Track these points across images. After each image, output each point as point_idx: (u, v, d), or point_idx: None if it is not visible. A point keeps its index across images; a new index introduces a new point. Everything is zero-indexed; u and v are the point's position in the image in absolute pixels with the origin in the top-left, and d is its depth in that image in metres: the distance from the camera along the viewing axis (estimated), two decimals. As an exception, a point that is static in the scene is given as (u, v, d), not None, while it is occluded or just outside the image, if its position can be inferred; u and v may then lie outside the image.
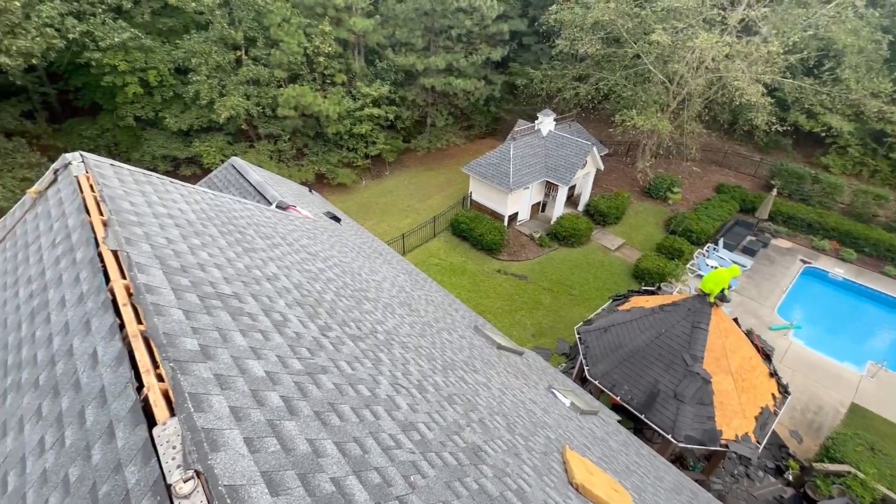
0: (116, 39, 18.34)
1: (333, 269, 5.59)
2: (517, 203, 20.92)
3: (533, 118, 27.87)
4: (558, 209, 21.41)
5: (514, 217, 21.37)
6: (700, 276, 18.33)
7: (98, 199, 3.08)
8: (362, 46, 24.90)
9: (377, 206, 24.08)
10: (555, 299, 18.13)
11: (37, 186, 3.56)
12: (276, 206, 8.31)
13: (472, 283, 18.72)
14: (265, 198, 8.86)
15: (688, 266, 19.30)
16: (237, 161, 10.32)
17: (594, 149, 20.65)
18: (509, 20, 26.44)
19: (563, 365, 14.35)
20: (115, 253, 2.54)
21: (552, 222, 21.51)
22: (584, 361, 10.62)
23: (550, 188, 22.33)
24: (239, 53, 21.58)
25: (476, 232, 19.88)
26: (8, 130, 20.59)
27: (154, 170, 23.72)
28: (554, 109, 24.32)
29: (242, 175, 9.83)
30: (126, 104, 21.38)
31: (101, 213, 2.93)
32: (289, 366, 2.51)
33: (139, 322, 2.06)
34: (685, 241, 20.14)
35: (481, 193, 21.66)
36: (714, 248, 20.47)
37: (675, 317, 9.98)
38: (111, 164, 3.86)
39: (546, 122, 21.42)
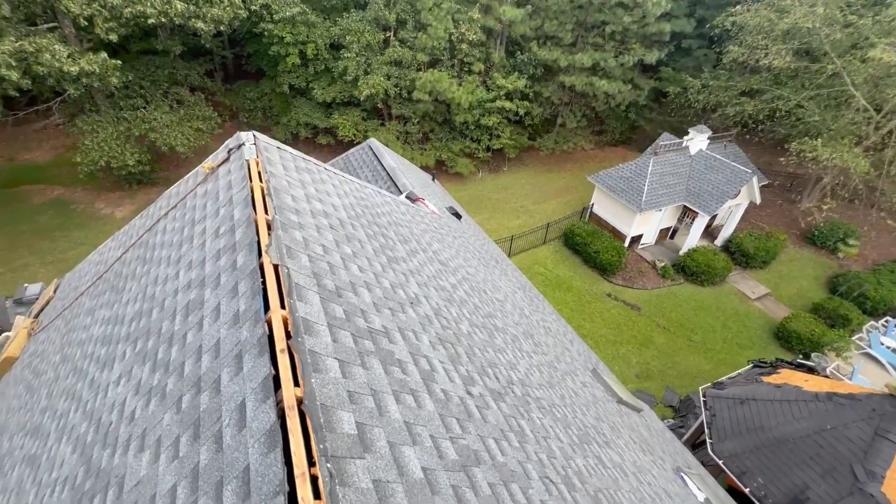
0: (287, 13, 20.01)
1: (463, 285, 5.08)
2: (644, 224, 18.80)
3: (678, 132, 24.88)
4: (692, 240, 18.79)
5: (636, 239, 19.29)
6: (869, 356, 14.71)
7: (264, 192, 2.84)
8: (505, 36, 24.18)
9: (490, 201, 23.55)
10: (670, 340, 16.00)
11: (210, 162, 3.51)
12: (406, 197, 8.12)
13: (577, 302, 17.34)
14: (396, 185, 8.74)
15: (853, 339, 15.64)
16: (374, 143, 10.42)
17: (754, 178, 17.57)
18: (673, 19, 23.56)
19: (670, 421, 12.53)
20: (275, 268, 2.21)
21: (681, 252, 18.98)
22: (707, 432, 8.97)
23: (686, 214, 19.68)
24: (388, 34, 22.31)
25: (591, 248, 18.32)
26: (192, 86, 23.94)
27: (296, 135, 25.97)
28: (709, 126, 21.25)
29: (378, 157, 9.88)
30: (284, 73, 23.47)
31: (266, 212, 2.67)
32: (444, 454, 1.98)
33: (296, 382, 1.65)
34: (855, 308, 16.34)
35: (605, 207, 19.88)
36: (894, 325, 16.31)
37: (850, 414, 7.85)
38: (278, 148, 3.71)
39: (697, 140, 18.76)
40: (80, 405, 2.89)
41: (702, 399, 9.70)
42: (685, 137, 18.98)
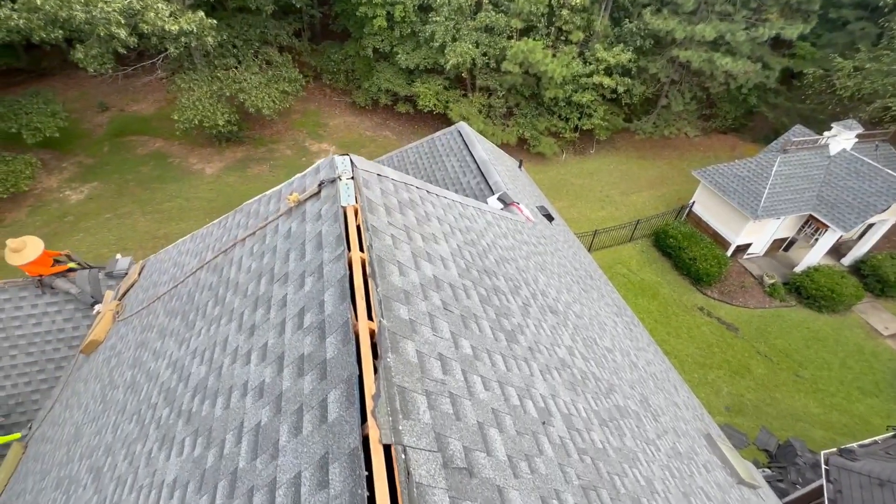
0: (378, -29, 18.97)
1: (577, 343, 4.11)
2: (756, 233, 16.23)
3: (809, 122, 21.08)
4: (814, 256, 15.98)
5: (742, 248, 16.79)
6: None
7: (366, 269, 2.03)
8: (611, 1, 21.38)
9: (572, 187, 21.72)
10: (771, 372, 13.92)
11: (296, 194, 2.77)
12: (499, 199, 7.13)
13: (661, 312, 15.58)
14: (487, 182, 7.75)
15: None
16: (464, 127, 9.39)
17: (916, 193, 14.29)
18: (827, -17, 19.35)
19: (766, 470, 10.89)
20: (387, 447, 1.41)
21: (797, 269, 16.28)
22: (829, 511, 7.45)
23: (810, 225, 16.72)
24: (481, -4, 20.56)
25: (687, 253, 16.21)
26: (281, 45, 24.02)
27: (376, 101, 25.46)
28: (855, 119, 17.57)
29: (468, 146, 8.88)
30: (370, 35, 22.72)
31: (370, 315, 1.85)
32: None
33: None
34: None
35: (708, 208, 17.42)
36: None
37: None
38: (378, 176, 2.89)
39: (841, 137, 15.53)
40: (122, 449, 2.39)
41: (823, 467, 8.08)
42: (826, 134, 15.79)
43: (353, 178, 2.55)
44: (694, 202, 18.03)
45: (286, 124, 25.01)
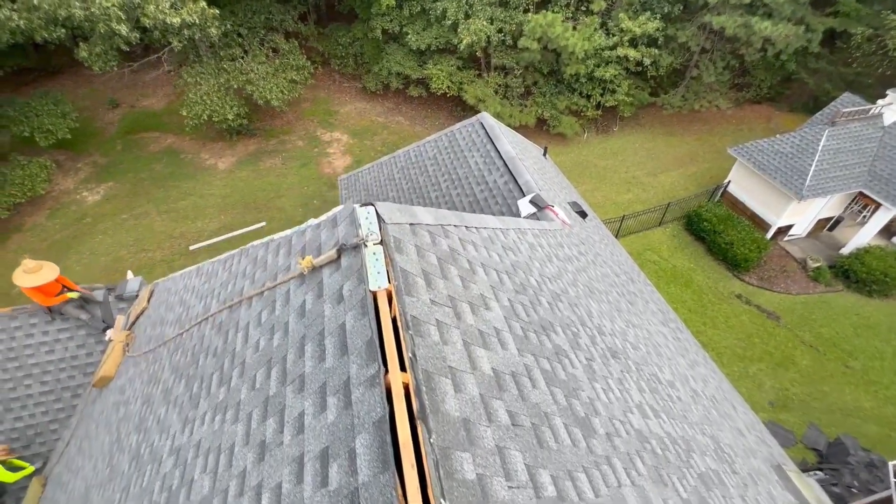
0: (385, -54, 17.85)
1: (634, 378, 3.51)
2: (799, 213, 15.11)
3: (855, 88, 19.45)
4: (864, 236, 14.82)
5: (783, 230, 15.70)
6: None
7: (410, 387, 1.45)
8: (635, -37, 19.77)
9: (595, 168, 20.66)
10: (817, 363, 13.09)
11: (310, 257, 2.19)
12: (532, 202, 6.46)
13: (696, 301, 14.77)
14: (516, 180, 7.06)
15: None
16: (486, 119, 8.62)
17: (984, 164, 12.95)
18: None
19: (818, 474, 10.23)
20: None
21: (845, 251, 15.17)
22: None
23: (859, 202, 15.50)
24: (494, -33, 19.24)
25: (723, 238, 15.23)
26: (287, 31, 23.17)
27: (387, 85, 24.53)
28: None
29: (491, 139, 8.14)
30: (378, 15, 21.67)
31: (417, 437, 1.29)
32: None
33: None
34: None
35: (745, 188, 16.28)
36: None
37: None
38: (411, 225, 2.28)
39: (897, 106, 14.15)
40: None
41: (892, 479, 7.40)
42: (879, 102, 14.40)
43: (381, 241, 1.95)
44: (729, 182, 16.88)
45: (296, 114, 24.37)
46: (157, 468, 2.69)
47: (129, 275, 7.14)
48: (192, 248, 17.29)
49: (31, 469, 6.17)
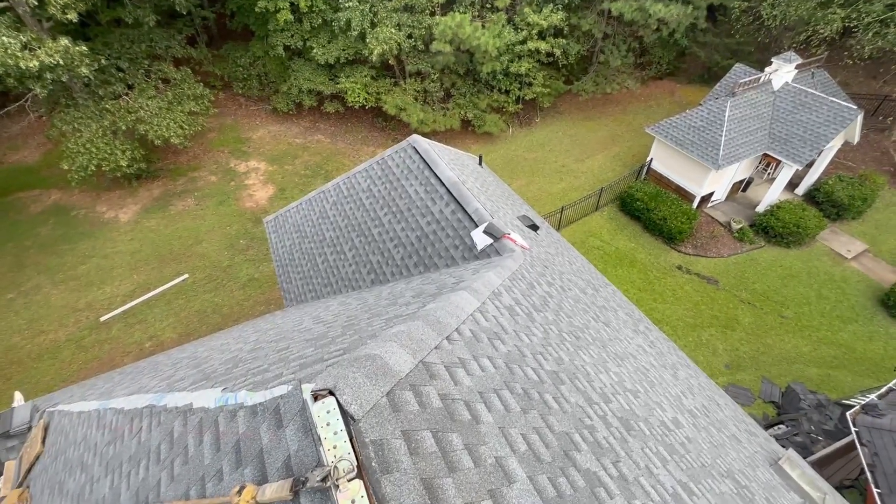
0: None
1: (638, 421, 3.14)
2: (717, 181, 16.14)
3: (739, 56, 21.26)
4: (773, 193, 16.16)
5: (706, 198, 16.72)
6: None
7: None
8: (530, -43, 20.04)
9: (525, 162, 20.84)
10: (757, 318, 14.05)
11: (252, 487, 1.47)
12: (486, 233, 5.99)
13: (643, 279, 15.30)
14: (464, 208, 6.54)
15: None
16: (418, 141, 8.01)
17: (859, 117, 14.51)
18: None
19: (782, 427, 10.90)
20: None
21: (760, 209, 16.47)
22: (871, 478, 7.27)
23: (762, 162, 16.89)
24: (392, -29, 18.57)
25: (656, 214, 15.91)
26: (176, 57, 20.92)
27: (299, 104, 23.08)
28: (782, 48, 17.65)
29: (428, 165, 7.55)
30: (277, 32, 20.21)
31: None
32: None
33: None
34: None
35: (667, 164, 17.13)
36: None
37: None
38: (388, 397, 1.64)
39: (783, 71, 15.48)
40: None
41: (853, 429, 7.91)
42: (767, 69, 15.68)
43: (356, 470, 1.29)
44: (652, 159, 17.69)
45: (203, 146, 22.18)
46: None
47: (17, 398, 5.74)
48: (102, 318, 15.08)
49: None
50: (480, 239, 5.99)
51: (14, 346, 14.51)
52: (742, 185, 17.36)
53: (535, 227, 8.08)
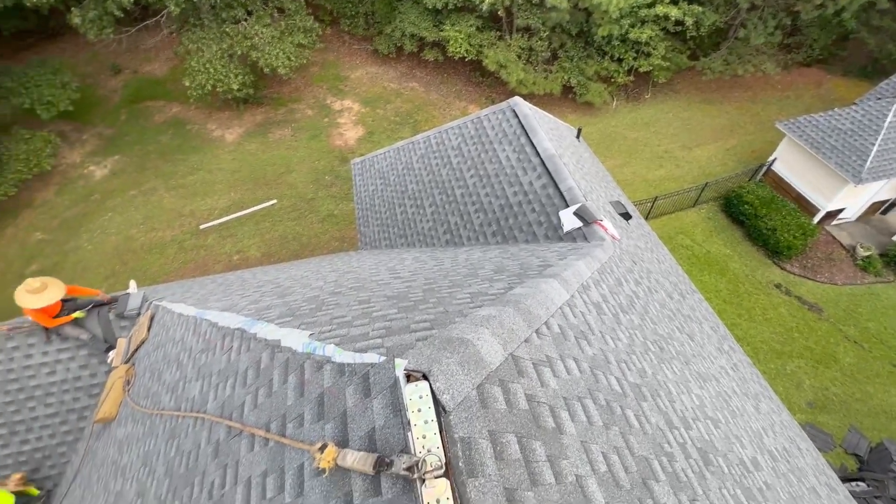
0: None
1: (727, 483, 2.84)
2: (852, 196, 13.83)
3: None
4: (923, 223, 13.54)
5: (832, 214, 14.47)
6: None
7: None
8: None
9: (625, 141, 19.24)
10: (861, 361, 12.31)
11: (333, 446, 1.47)
12: (577, 214, 5.62)
13: (731, 291, 13.89)
14: (556, 184, 6.15)
15: None
16: (520, 106, 7.54)
17: None
18: None
19: (860, 485, 9.71)
20: None
21: (899, 239, 13.99)
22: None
23: (921, 183, 14.11)
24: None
25: (765, 223, 14.11)
26: (292, -12, 21.40)
27: (400, 48, 22.87)
28: None
29: (525, 131, 7.13)
30: (390, -31, 19.82)
31: None
32: None
33: None
34: None
35: (792, 168, 14.91)
36: None
37: None
38: (478, 391, 1.54)
39: (982, 75, 12.43)
40: None
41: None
42: (960, 70, 12.68)
43: (444, 467, 1.22)
44: (775, 159, 15.48)
45: (305, 79, 23.02)
46: None
47: (132, 286, 6.58)
48: (202, 226, 16.79)
49: (35, 492, 5.94)
50: (569, 220, 5.63)
51: (131, 237, 16.70)
52: (883, 207, 14.74)
53: (627, 216, 7.47)
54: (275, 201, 17.50)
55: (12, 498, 5.56)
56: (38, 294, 5.46)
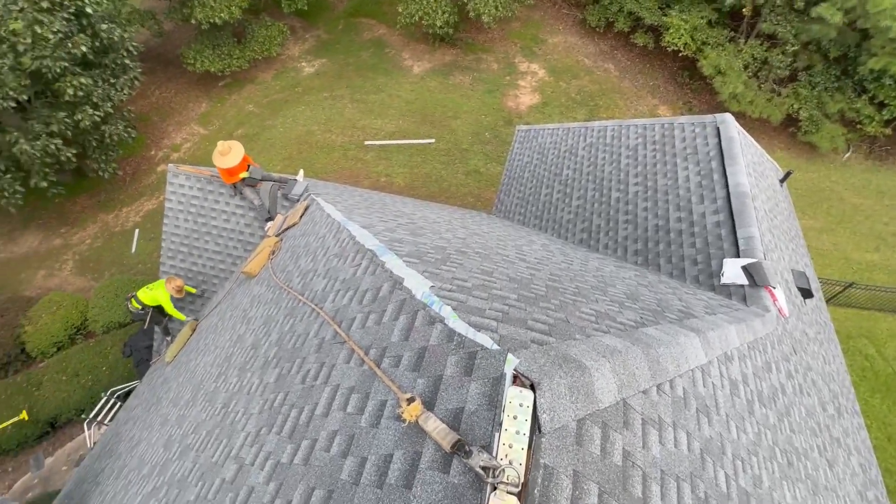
0: None
1: None
2: None
3: None
4: None
5: None
6: None
7: None
8: None
9: (840, 203, 15.53)
10: None
11: (419, 402, 1.50)
12: (746, 270, 4.80)
13: (906, 431, 10.86)
14: (734, 229, 5.25)
15: None
16: (728, 124, 6.43)
17: None
18: None
19: None
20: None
21: None
22: None
23: None
24: None
25: None
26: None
27: (611, 23, 21.09)
28: None
29: (722, 157, 6.10)
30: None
31: None
32: None
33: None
34: None
35: None
36: None
37: None
38: (577, 424, 1.41)
39: None
40: None
41: None
42: None
43: (520, 487, 1.15)
44: None
45: (503, 33, 22.85)
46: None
47: (300, 175, 7.58)
48: (367, 143, 18.46)
49: (193, 290, 7.57)
50: (733, 272, 4.82)
51: (311, 132, 19.14)
52: None
53: (808, 293, 6.13)
54: (433, 140, 18.31)
55: (168, 295, 7.17)
56: (224, 156, 6.70)
